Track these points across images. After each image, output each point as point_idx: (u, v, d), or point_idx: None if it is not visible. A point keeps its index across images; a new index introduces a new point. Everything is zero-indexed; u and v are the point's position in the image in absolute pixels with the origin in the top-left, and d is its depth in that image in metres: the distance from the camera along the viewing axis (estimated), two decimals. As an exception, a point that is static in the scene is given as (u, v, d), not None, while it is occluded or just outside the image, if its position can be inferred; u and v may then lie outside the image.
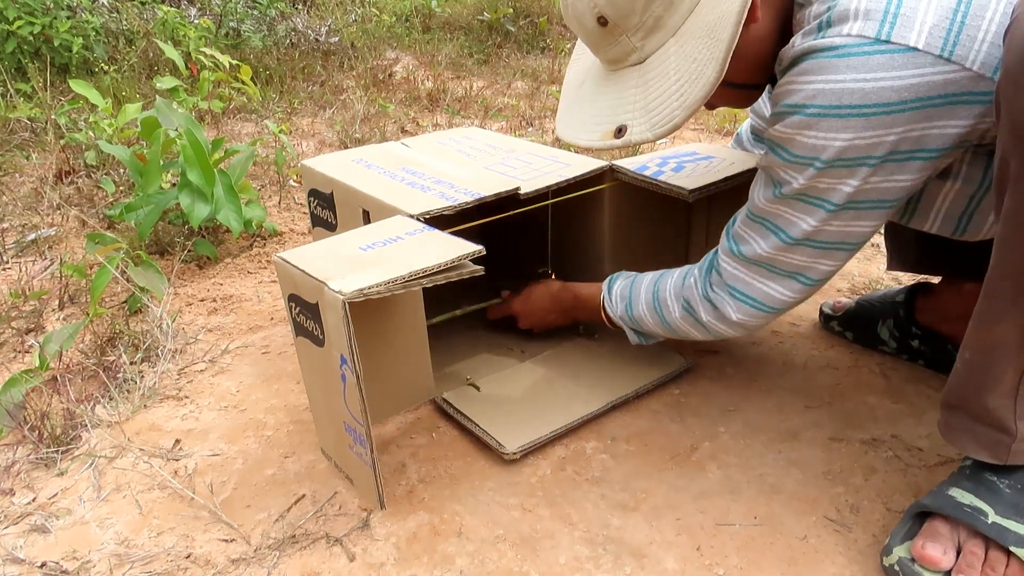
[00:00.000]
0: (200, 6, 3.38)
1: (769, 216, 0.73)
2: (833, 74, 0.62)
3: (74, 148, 1.87)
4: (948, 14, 0.59)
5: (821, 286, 0.77)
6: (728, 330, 0.81)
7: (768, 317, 0.79)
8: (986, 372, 0.62)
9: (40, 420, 0.87)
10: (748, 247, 0.76)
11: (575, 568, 0.68)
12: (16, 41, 2.61)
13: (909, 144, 0.63)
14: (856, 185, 0.66)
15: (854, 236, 0.71)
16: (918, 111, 0.61)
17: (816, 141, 0.65)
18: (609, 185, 0.99)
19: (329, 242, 0.77)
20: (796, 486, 0.77)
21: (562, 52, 3.30)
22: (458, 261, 0.70)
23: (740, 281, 0.78)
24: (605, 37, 0.74)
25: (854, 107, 0.62)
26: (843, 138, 0.63)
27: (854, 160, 0.64)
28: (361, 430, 0.70)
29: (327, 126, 2.32)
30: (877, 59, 0.60)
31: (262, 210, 1.41)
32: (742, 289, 0.78)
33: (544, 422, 0.85)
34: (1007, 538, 0.61)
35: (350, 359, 0.66)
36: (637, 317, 0.88)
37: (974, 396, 0.64)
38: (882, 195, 0.67)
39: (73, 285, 1.25)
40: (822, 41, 0.63)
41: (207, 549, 0.71)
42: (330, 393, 0.74)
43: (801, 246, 0.72)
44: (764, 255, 0.75)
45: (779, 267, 0.75)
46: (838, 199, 0.67)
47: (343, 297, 0.63)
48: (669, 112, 0.71)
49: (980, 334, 0.62)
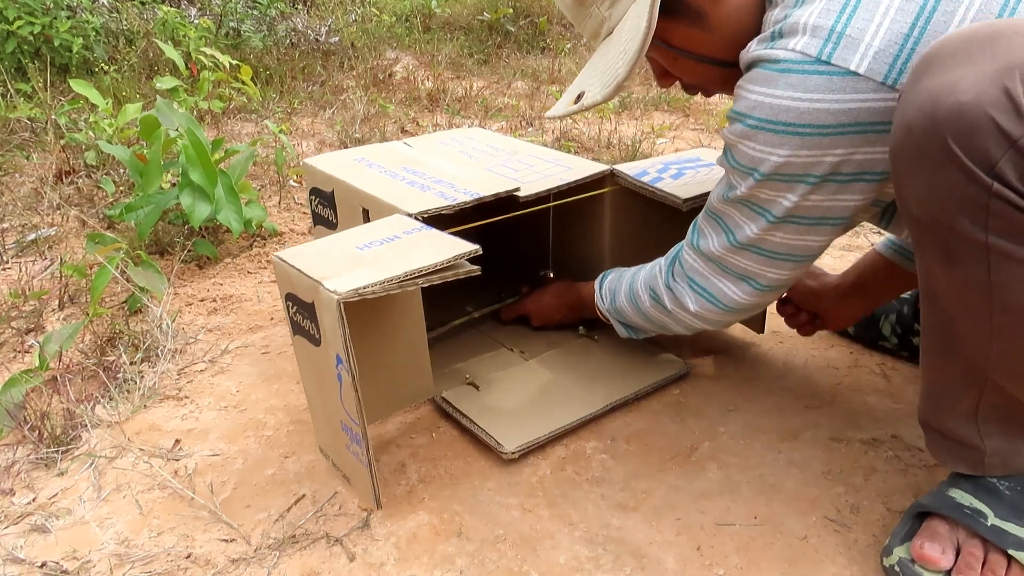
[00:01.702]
0: (200, 6, 3.38)
1: (721, 215, 0.73)
2: (772, 88, 0.62)
3: (74, 148, 1.87)
4: (898, 39, 0.57)
5: (778, 293, 0.77)
6: (693, 320, 0.81)
7: (725, 314, 0.79)
8: (941, 400, 0.64)
9: (40, 420, 0.87)
10: (704, 241, 0.76)
11: (575, 568, 0.68)
12: (16, 41, 2.61)
13: (852, 167, 0.62)
14: (795, 200, 0.65)
15: (801, 250, 0.70)
16: (859, 135, 0.60)
17: (755, 153, 0.65)
18: (610, 189, 0.99)
19: (326, 241, 0.77)
20: (796, 486, 0.77)
21: (562, 52, 3.30)
22: (454, 261, 0.70)
23: (698, 274, 0.78)
24: (580, 10, 0.75)
25: (789, 124, 0.61)
26: (780, 154, 0.63)
27: (792, 176, 0.64)
28: (357, 430, 0.70)
29: (327, 126, 2.32)
30: (815, 80, 0.59)
31: (262, 210, 1.42)
32: (700, 282, 0.78)
33: (543, 422, 0.85)
34: (1006, 541, 0.61)
35: (346, 359, 0.66)
36: (619, 308, 0.90)
37: (936, 418, 0.65)
38: (825, 213, 0.66)
39: (73, 285, 1.25)
40: (769, 52, 0.62)
41: (207, 549, 0.71)
42: (327, 392, 0.74)
43: (746, 251, 0.72)
44: (716, 253, 0.75)
45: (730, 267, 0.75)
46: (778, 212, 0.67)
47: (338, 297, 0.63)
48: (614, 72, 0.71)
49: (928, 369, 0.63)
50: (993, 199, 0.47)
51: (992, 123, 0.45)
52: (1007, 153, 0.45)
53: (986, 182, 0.47)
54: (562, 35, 3.54)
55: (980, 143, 0.46)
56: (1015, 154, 0.45)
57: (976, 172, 0.47)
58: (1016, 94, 0.45)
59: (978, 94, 0.46)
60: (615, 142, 2.09)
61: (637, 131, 2.24)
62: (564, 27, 3.56)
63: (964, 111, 0.46)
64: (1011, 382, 0.57)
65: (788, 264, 0.72)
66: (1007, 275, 0.50)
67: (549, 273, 1.19)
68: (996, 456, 0.62)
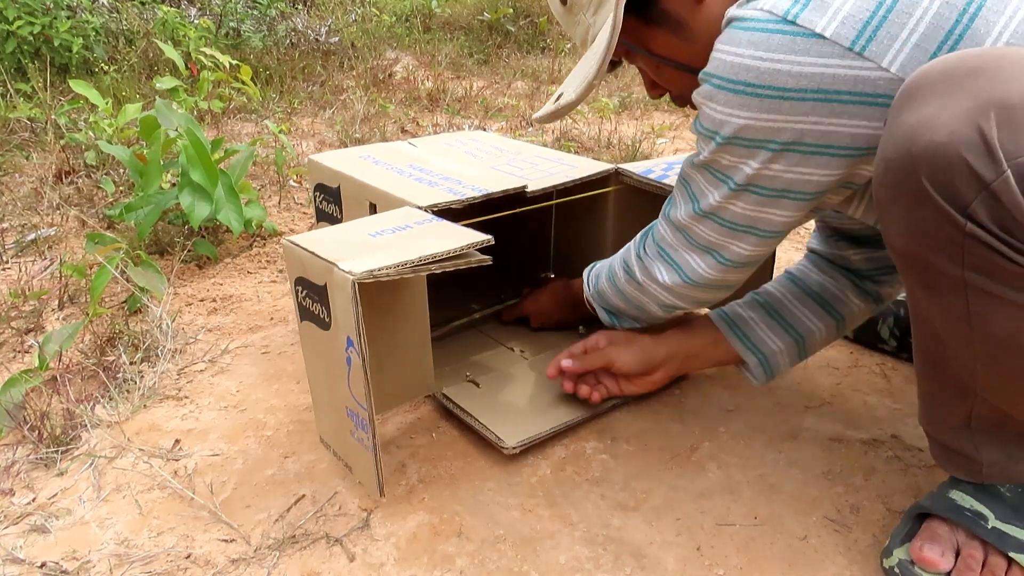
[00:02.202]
0: (200, 6, 3.38)
1: (689, 182, 0.73)
2: (735, 46, 0.60)
3: (74, 148, 1.87)
4: (871, 5, 0.55)
5: (744, 271, 0.75)
6: (664, 294, 0.80)
7: (692, 289, 0.78)
8: (934, 412, 0.64)
9: (40, 420, 0.87)
10: (673, 210, 0.76)
11: (575, 568, 0.68)
12: (16, 41, 2.61)
13: (815, 138, 0.60)
14: (756, 168, 0.64)
15: (764, 223, 0.69)
16: (822, 103, 0.58)
17: (717, 115, 0.63)
18: (614, 188, 0.99)
19: (337, 228, 0.77)
20: (796, 486, 0.77)
21: (562, 52, 3.30)
22: (467, 249, 0.70)
23: (668, 245, 0.78)
24: (569, 18, 0.76)
25: (749, 85, 0.60)
26: (741, 116, 0.61)
27: (752, 142, 0.62)
28: (364, 414, 0.70)
29: (327, 126, 2.32)
30: (777, 39, 0.58)
31: (262, 210, 1.42)
32: (669, 253, 0.78)
33: (544, 419, 0.85)
34: (1007, 543, 0.61)
35: (357, 341, 0.66)
36: (600, 290, 0.90)
37: (933, 429, 0.65)
38: (788, 185, 0.64)
39: (73, 285, 1.25)
40: (740, 11, 0.61)
41: (207, 549, 0.71)
42: (333, 378, 0.74)
43: (709, 220, 0.71)
44: (683, 221, 0.74)
45: (695, 238, 0.74)
46: (739, 179, 0.66)
47: (353, 277, 0.63)
48: (586, 73, 0.72)
49: (920, 381, 0.63)
50: (967, 239, 0.47)
51: (965, 165, 0.45)
52: (980, 195, 0.45)
53: (960, 222, 0.46)
54: (562, 35, 3.54)
55: (953, 184, 0.46)
56: (988, 196, 0.45)
57: (950, 212, 0.47)
58: (990, 136, 0.44)
59: (952, 134, 0.45)
60: (615, 142, 2.09)
61: (637, 131, 2.24)
62: (564, 27, 3.56)
63: (938, 151, 0.46)
64: (998, 399, 0.57)
65: (751, 238, 0.70)
66: (986, 308, 0.50)
67: (550, 275, 1.19)
68: (994, 466, 0.62)
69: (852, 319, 0.87)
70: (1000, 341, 0.51)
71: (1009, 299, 0.48)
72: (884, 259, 0.85)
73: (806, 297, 0.86)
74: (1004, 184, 0.44)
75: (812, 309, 0.85)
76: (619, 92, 2.74)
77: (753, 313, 0.86)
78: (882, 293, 0.87)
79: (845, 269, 0.88)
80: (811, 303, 0.86)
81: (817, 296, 0.86)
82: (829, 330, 0.86)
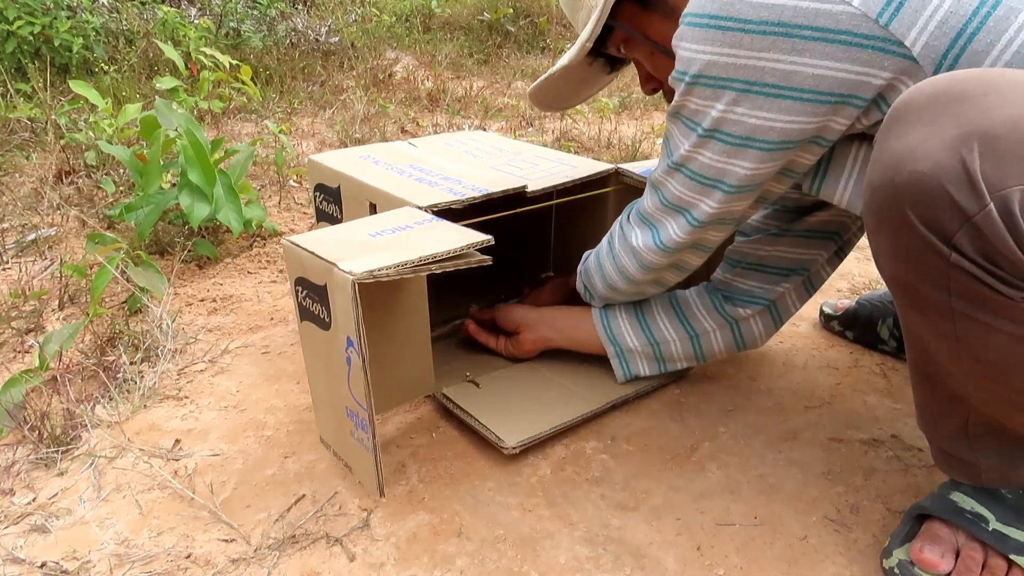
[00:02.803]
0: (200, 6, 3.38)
1: (668, 138, 0.73)
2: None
3: (74, 148, 1.87)
4: None
5: (716, 232, 0.75)
6: (631, 259, 0.81)
7: (662, 254, 0.78)
8: (931, 419, 0.64)
9: (40, 420, 0.87)
10: (655, 172, 0.77)
11: (575, 568, 0.68)
12: (16, 41, 2.61)
13: (776, 78, 0.60)
14: (721, 111, 0.64)
15: (730, 176, 0.68)
16: (782, 38, 0.58)
17: (686, 53, 0.64)
18: (614, 188, 0.99)
19: (338, 229, 0.77)
20: (796, 486, 0.77)
21: (562, 52, 3.30)
22: (467, 249, 0.70)
23: (647, 211, 0.79)
24: (574, 2, 0.78)
25: (712, 17, 0.60)
26: (706, 52, 0.62)
27: (716, 80, 0.62)
28: (364, 415, 0.70)
29: (327, 126, 2.32)
30: None
31: (262, 210, 1.41)
32: (648, 218, 0.79)
33: (544, 419, 0.85)
34: (1007, 545, 0.60)
35: (356, 341, 0.66)
36: (586, 269, 0.91)
37: (931, 435, 0.65)
38: (751, 132, 0.64)
39: (73, 285, 1.25)
40: None
41: (207, 549, 0.71)
42: (333, 378, 0.74)
43: (679, 172, 0.71)
44: (658, 177, 0.75)
45: (668, 197, 0.75)
46: (706, 124, 0.66)
47: (353, 278, 0.63)
48: (581, 40, 0.75)
49: (916, 389, 0.64)
50: (952, 268, 0.47)
51: (948, 197, 0.44)
52: (963, 227, 0.45)
53: (945, 252, 0.46)
54: (562, 35, 3.54)
55: (937, 216, 0.45)
56: (971, 228, 0.44)
57: (935, 242, 0.46)
58: (972, 168, 0.43)
59: (934, 164, 0.45)
60: (615, 142, 2.10)
61: (637, 131, 2.25)
62: (564, 27, 3.56)
63: (921, 181, 0.45)
64: (991, 411, 0.57)
65: (718, 194, 0.70)
66: (972, 333, 0.50)
67: (550, 274, 1.19)
68: (993, 471, 0.62)
69: (706, 336, 0.89)
70: (989, 363, 0.51)
71: (995, 326, 0.48)
72: (755, 289, 0.88)
73: (668, 306, 0.90)
74: (987, 217, 0.44)
75: (670, 318, 0.89)
76: (619, 92, 2.74)
77: (624, 311, 0.92)
78: (737, 318, 0.89)
79: (718, 291, 0.90)
80: (671, 312, 0.90)
81: (677, 307, 0.90)
82: (683, 343, 0.89)
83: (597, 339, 0.91)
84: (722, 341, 0.89)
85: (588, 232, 1.06)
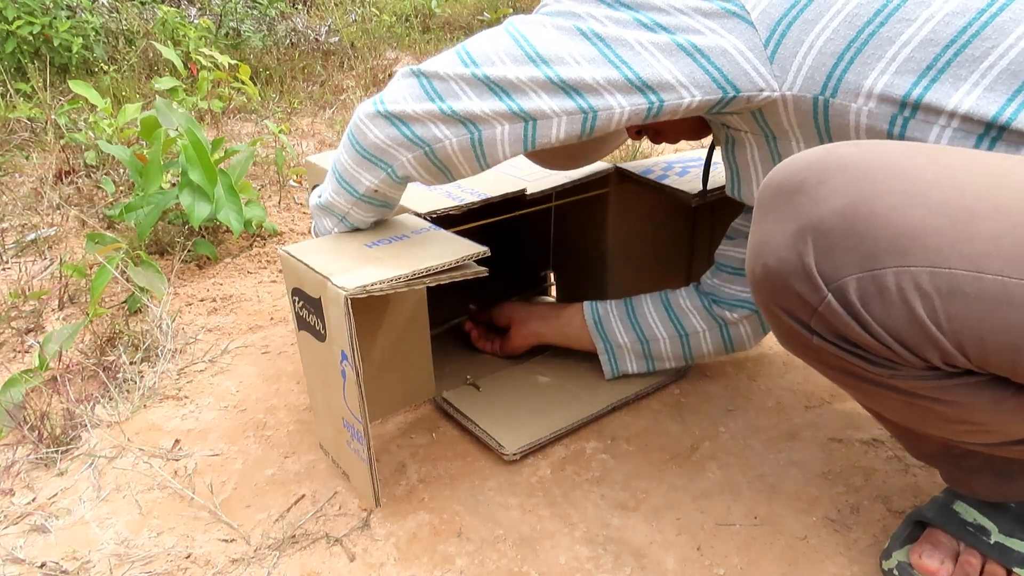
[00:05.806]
0: (200, 6, 3.38)
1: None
2: None
3: (74, 148, 1.87)
4: None
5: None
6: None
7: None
8: (907, 444, 0.65)
9: (40, 420, 0.87)
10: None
11: (575, 568, 0.68)
12: (16, 41, 2.61)
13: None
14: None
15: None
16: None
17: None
18: (614, 188, 0.99)
19: (334, 238, 0.77)
20: (796, 486, 0.77)
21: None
22: (462, 261, 0.70)
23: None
24: None
25: None
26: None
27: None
28: (359, 427, 0.70)
29: (327, 126, 2.32)
30: None
31: (262, 210, 1.41)
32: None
33: (544, 423, 0.85)
34: (1011, 558, 0.60)
35: (351, 355, 0.66)
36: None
37: (915, 455, 0.66)
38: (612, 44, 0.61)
39: (73, 285, 1.25)
40: None
41: (207, 549, 0.71)
42: (330, 388, 0.74)
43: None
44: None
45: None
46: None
47: (346, 293, 0.63)
48: None
49: (881, 423, 0.65)
50: (820, 346, 0.49)
51: (794, 291, 0.47)
52: (813, 316, 0.47)
53: (807, 337, 0.49)
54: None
55: (790, 305, 0.48)
56: (819, 317, 0.47)
57: (797, 328, 0.49)
58: (808, 263, 0.45)
59: (780, 260, 0.47)
60: (615, 142, 2.09)
61: (637, 131, 2.24)
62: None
63: (772, 276, 0.48)
64: (947, 436, 0.57)
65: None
66: (868, 397, 0.53)
67: (551, 274, 1.18)
68: (987, 486, 0.61)
69: (695, 337, 0.89)
70: (898, 418, 0.54)
71: (883, 394, 0.51)
72: (740, 294, 0.88)
73: (659, 305, 0.91)
74: (828, 307, 0.46)
75: (660, 317, 0.90)
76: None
77: (615, 308, 0.92)
78: (726, 321, 0.89)
79: (708, 295, 0.90)
80: (662, 311, 0.90)
81: (668, 306, 0.90)
82: (673, 341, 0.89)
83: (587, 334, 0.92)
84: (711, 342, 0.89)
85: (588, 232, 1.06)
